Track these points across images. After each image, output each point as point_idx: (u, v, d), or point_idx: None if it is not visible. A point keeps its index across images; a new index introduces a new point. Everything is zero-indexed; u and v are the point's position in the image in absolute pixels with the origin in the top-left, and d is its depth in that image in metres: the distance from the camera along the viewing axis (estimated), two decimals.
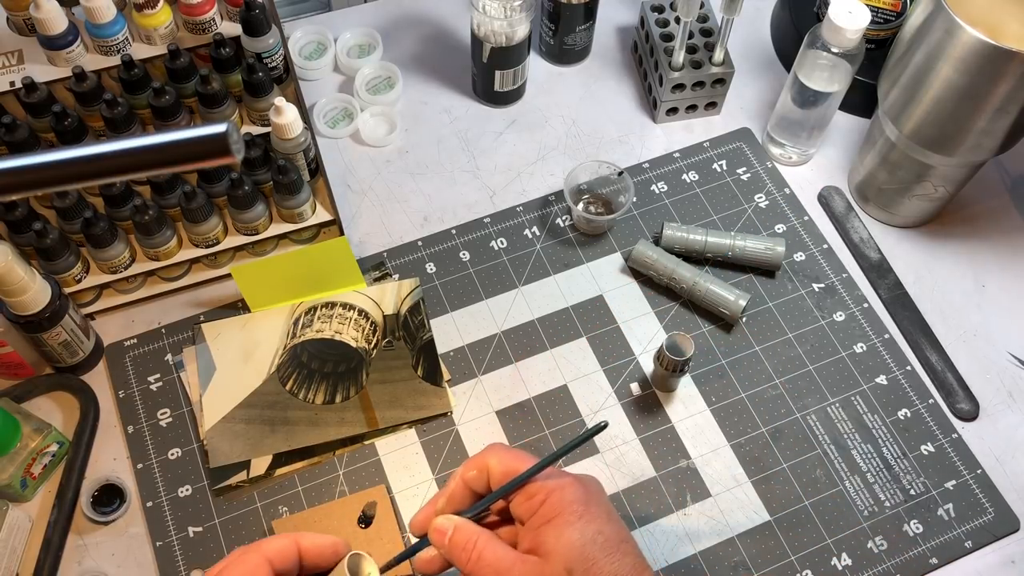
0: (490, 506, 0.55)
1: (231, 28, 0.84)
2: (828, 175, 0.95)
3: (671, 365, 0.76)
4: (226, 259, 0.86)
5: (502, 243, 0.89)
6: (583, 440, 0.53)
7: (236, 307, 0.84)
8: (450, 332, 0.83)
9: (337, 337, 0.81)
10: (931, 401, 0.81)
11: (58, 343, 0.76)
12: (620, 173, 0.87)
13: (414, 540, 0.57)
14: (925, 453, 0.79)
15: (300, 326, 0.82)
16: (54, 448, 0.75)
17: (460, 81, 1.00)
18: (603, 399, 0.80)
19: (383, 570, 0.53)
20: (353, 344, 0.81)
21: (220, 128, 0.36)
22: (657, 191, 0.92)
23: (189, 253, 0.82)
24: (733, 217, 0.91)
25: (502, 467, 0.54)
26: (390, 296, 0.84)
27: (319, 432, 0.77)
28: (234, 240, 0.83)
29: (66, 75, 0.79)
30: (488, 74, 0.94)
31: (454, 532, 0.53)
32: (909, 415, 0.81)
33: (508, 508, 0.55)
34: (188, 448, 0.77)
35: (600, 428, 0.53)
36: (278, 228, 0.84)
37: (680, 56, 0.91)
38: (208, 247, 0.82)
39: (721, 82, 0.94)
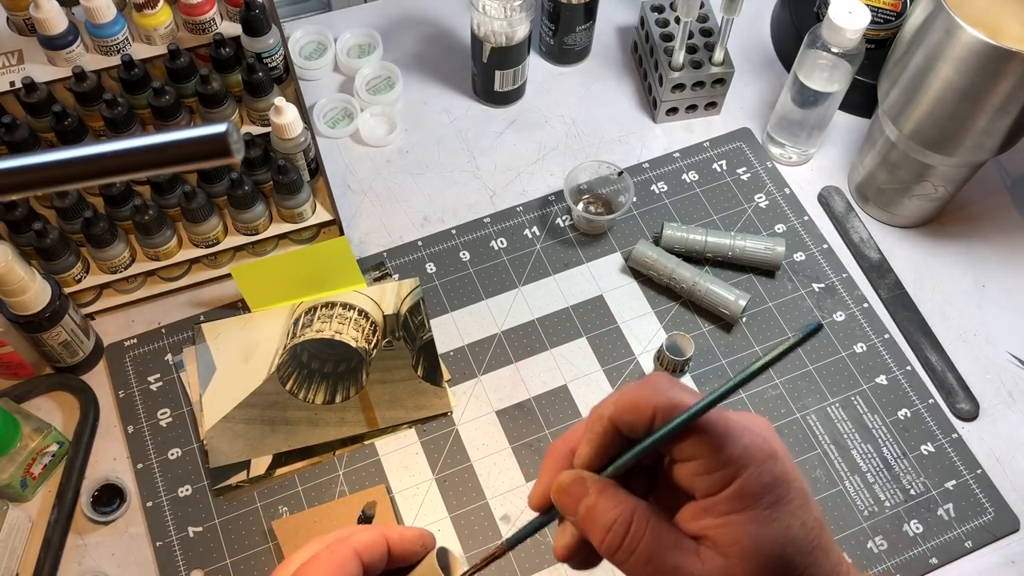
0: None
1: (231, 28, 0.84)
2: (828, 175, 0.95)
3: (671, 365, 0.76)
4: (226, 259, 0.86)
5: (502, 243, 0.89)
6: (792, 348, 0.35)
7: (236, 307, 0.84)
8: (450, 332, 0.83)
9: (337, 337, 0.81)
10: (931, 401, 0.81)
11: (58, 343, 0.76)
12: (620, 173, 0.87)
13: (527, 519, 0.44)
14: (925, 453, 0.79)
15: (300, 326, 0.82)
16: (54, 448, 0.75)
17: (460, 81, 1.00)
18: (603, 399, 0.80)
19: (486, 561, 0.41)
20: (353, 344, 0.81)
21: (220, 128, 0.36)
22: (657, 191, 0.92)
23: (189, 253, 0.82)
24: (733, 217, 0.91)
25: (670, 406, 0.36)
26: (390, 296, 0.84)
27: (319, 432, 0.77)
28: (234, 240, 0.83)
29: (66, 75, 0.79)
30: (488, 74, 0.94)
31: (596, 499, 0.36)
32: (909, 415, 0.81)
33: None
34: (188, 448, 0.77)
35: (816, 329, 0.35)
36: (278, 228, 0.84)
37: (680, 56, 0.91)
38: (208, 247, 0.82)
39: (721, 82, 0.94)
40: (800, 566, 0.35)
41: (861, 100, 0.96)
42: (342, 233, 0.86)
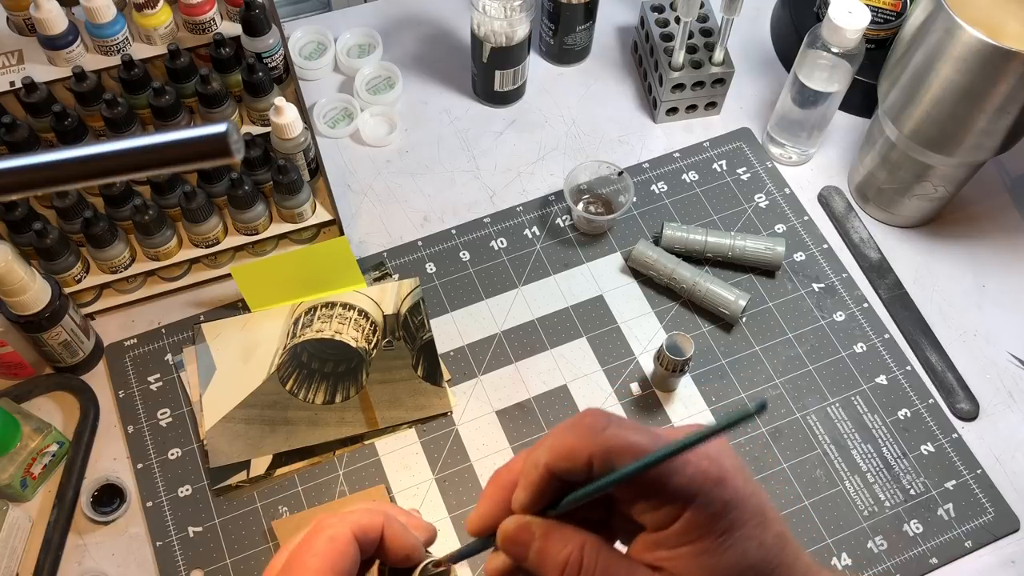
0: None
1: (231, 28, 0.84)
2: (828, 175, 0.95)
3: (671, 365, 0.76)
4: (226, 259, 0.86)
5: (502, 243, 0.89)
6: (738, 422, 0.32)
7: (236, 307, 0.84)
8: (450, 332, 0.83)
9: (337, 337, 0.81)
10: (931, 401, 0.81)
11: (58, 343, 0.76)
12: (620, 173, 0.87)
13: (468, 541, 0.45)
14: (925, 453, 0.79)
15: (300, 326, 0.82)
16: (54, 448, 0.75)
17: (460, 81, 1.00)
18: (603, 399, 0.80)
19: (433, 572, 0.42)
20: (353, 344, 0.81)
21: (220, 128, 0.36)
22: (657, 191, 0.92)
23: (189, 253, 0.82)
24: (733, 217, 0.91)
25: (607, 451, 0.35)
26: (390, 296, 0.84)
27: (319, 432, 0.77)
28: (234, 240, 0.83)
29: (66, 75, 0.79)
30: (488, 74, 0.94)
31: (545, 541, 0.36)
32: (909, 415, 0.81)
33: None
34: (188, 448, 0.77)
35: (760, 409, 0.32)
36: (278, 228, 0.84)
37: (680, 56, 0.91)
38: (208, 247, 0.82)
39: (721, 82, 0.94)
40: None
41: (861, 100, 0.96)
42: (342, 233, 0.86)
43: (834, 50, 0.82)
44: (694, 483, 0.34)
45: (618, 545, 0.38)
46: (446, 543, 0.74)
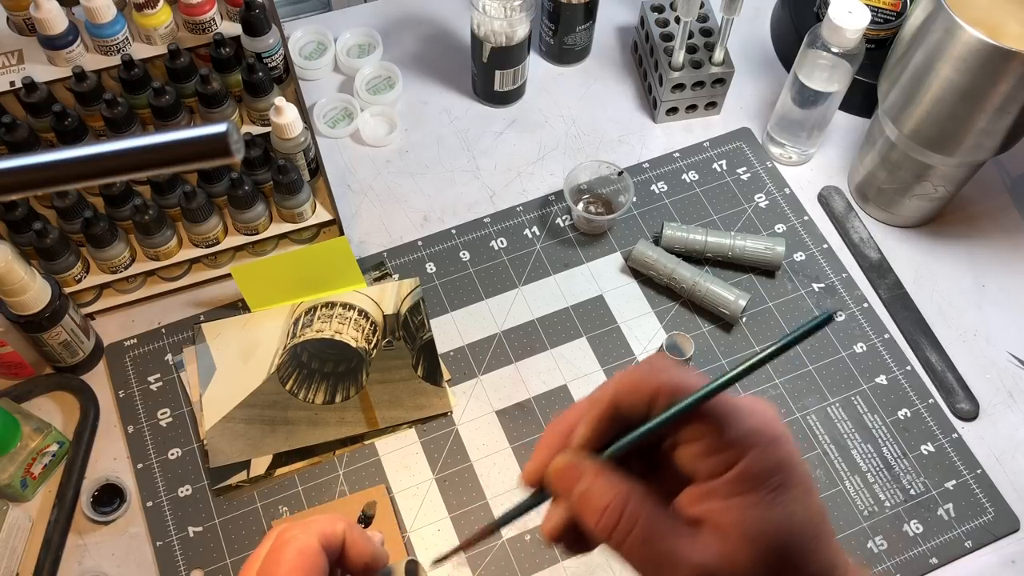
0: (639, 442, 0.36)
1: (231, 28, 0.84)
2: (828, 175, 0.95)
3: None
4: (226, 259, 0.86)
5: (502, 243, 0.89)
6: (809, 333, 0.33)
7: (236, 307, 0.84)
8: (450, 332, 0.83)
9: (337, 337, 0.81)
10: (931, 401, 0.81)
11: (58, 343, 0.76)
12: (620, 173, 0.87)
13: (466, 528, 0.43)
14: (925, 453, 0.79)
15: (300, 326, 0.82)
16: (54, 448, 0.75)
17: (460, 81, 1.00)
18: None
19: (464, 546, 0.41)
20: (353, 344, 0.81)
21: (220, 128, 0.36)
22: (657, 191, 0.92)
23: (189, 253, 0.82)
24: (733, 217, 0.91)
25: (673, 387, 0.35)
26: (390, 296, 0.84)
27: (319, 432, 0.77)
28: (234, 240, 0.83)
29: (66, 75, 0.79)
30: (488, 74, 0.94)
31: (592, 482, 0.35)
32: (909, 415, 0.81)
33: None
34: (188, 448, 0.77)
35: (829, 318, 0.33)
36: (278, 228, 0.84)
37: (680, 56, 0.91)
38: (208, 247, 0.82)
39: (721, 82, 0.94)
40: (802, 553, 0.34)
41: (861, 100, 0.96)
42: (342, 233, 0.86)
43: (834, 50, 0.82)
44: (752, 434, 0.34)
45: None
46: (446, 543, 0.74)
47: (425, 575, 0.43)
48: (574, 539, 0.37)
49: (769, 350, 0.33)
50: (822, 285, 0.87)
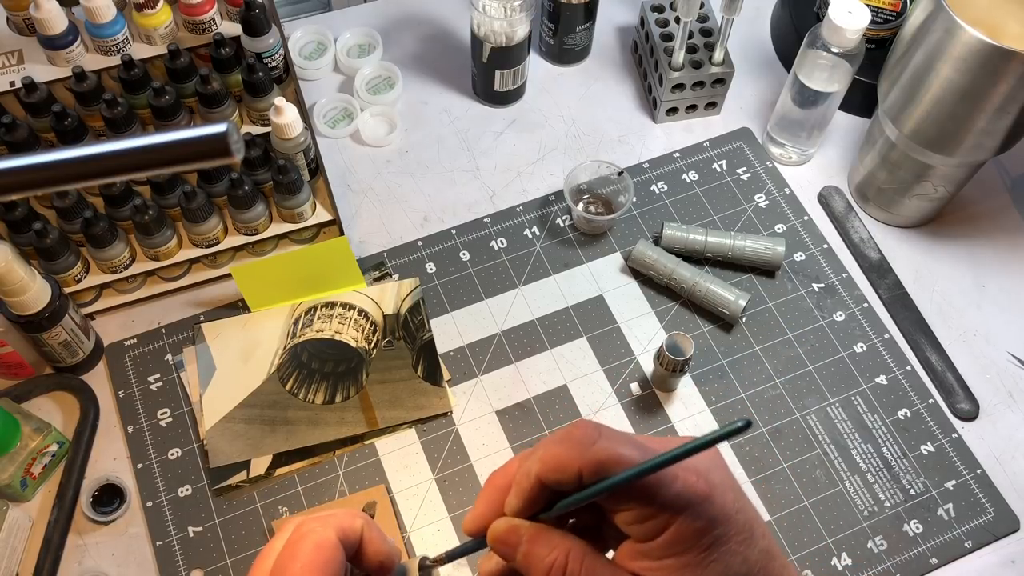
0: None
1: (231, 28, 0.84)
2: (828, 175, 0.95)
3: (671, 365, 0.76)
4: (226, 259, 0.86)
5: (502, 243, 0.89)
6: (721, 438, 0.34)
7: (236, 307, 0.84)
8: (450, 332, 0.83)
9: (337, 337, 0.81)
10: (931, 401, 0.81)
11: (58, 343, 0.76)
12: (620, 173, 0.87)
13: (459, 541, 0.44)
14: (925, 453, 0.79)
15: (300, 326, 0.82)
16: (54, 448, 0.75)
17: (460, 81, 1.00)
18: (603, 399, 0.80)
19: (428, 565, 0.43)
20: (353, 344, 0.81)
21: (220, 128, 0.36)
22: (657, 191, 0.92)
23: (189, 253, 0.82)
24: (733, 217, 0.91)
25: (598, 464, 0.36)
26: (390, 296, 0.84)
27: (319, 432, 0.77)
28: (234, 240, 0.83)
29: (66, 75, 0.79)
30: (488, 74, 0.94)
31: (531, 545, 0.37)
32: (909, 415, 0.81)
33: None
34: (188, 448, 0.77)
35: (743, 427, 0.33)
36: (278, 228, 0.84)
37: (680, 56, 0.91)
38: (208, 247, 0.82)
39: (721, 82, 0.94)
40: None
41: (861, 100, 0.96)
42: (342, 233, 0.86)
43: (834, 50, 0.82)
44: (681, 497, 0.34)
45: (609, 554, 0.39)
46: (446, 543, 0.74)
47: (438, 574, 0.42)
48: None
49: (688, 446, 0.33)
50: (822, 285, 0.87)
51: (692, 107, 0.97)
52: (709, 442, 0.33)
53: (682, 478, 0.35)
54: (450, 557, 0.42)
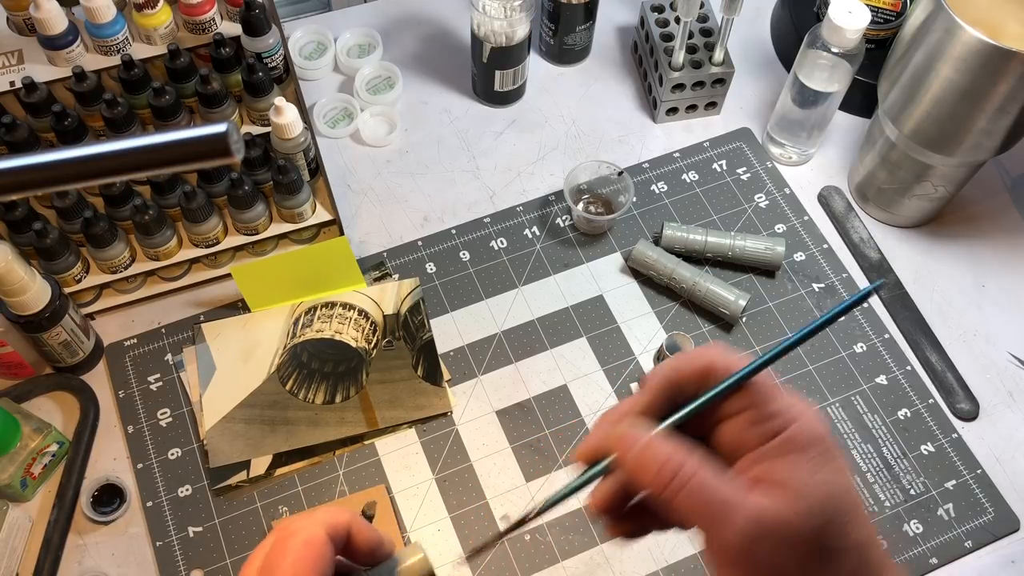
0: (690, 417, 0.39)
1: (231, 28, 0.84)
2: (828, 175, 0.95)
3: None
4: (226, 259, 0.86)
5: (502, 243, 0.89)
6: (856, 303, 0.37)
7: (236, 307, 0.84)
8: (450, 332, 0.83)
9: (337, 337, 0.81)
10: (931, 401, 0.81)
11: (58, 343, 0.76)
12: (620, 173, 0.87)
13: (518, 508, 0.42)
14: (925, 453, 0.79)
15: (300, 326, 0.82)
16: (54, 448, 0.75)
17: (460, 81, 1.00)
18: (603, 399, 0.80)
19: (522, 520, 0.41)
20: (353, 344, 0.81)
21: (220, 128, 0.36)
22: (657, 191, 0.92)
23: (189, 253, 0.82)
24: (733, 217, 0.91)
25: (723, 365, 0.38)
26: (390, 296, 0.84)
27: (319, 432, 0.77)
28: (234, 240, 0.83)
29: (66, 75, 0.79)
30: (488, 74, 0.94)
31: (649, 442, 0.37)
32: (909, 415, 0.81)
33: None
34: (188, 448, 0.77)
35: (877, 288, 0.36)
36: (278, 228, 0.84)
37: (680, 56, 0.91)
38: (208, 247, 0.82)
39: (721, 82, 0.94)
40: (845, 519, 0.36)
41: (861, 100, 0.96)
42: (342, 233, 0.86)
43: (834, 50, 0.82)
44: (796, 407, 0.37)
45: None
46: (446, 543, 0.74)
47: (429, 561, 0.42)
48: (619, 514, 0.40)
49: (813, 325, 0.37)
50: (822, 285, 0.87)
51: (692, 107, 0.97)
52: (844, 309, 0.36)
53: (795, 398, 0.38)
54: (555, 500, 0.41)
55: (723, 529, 0.35)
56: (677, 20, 0.95)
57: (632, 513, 0.40)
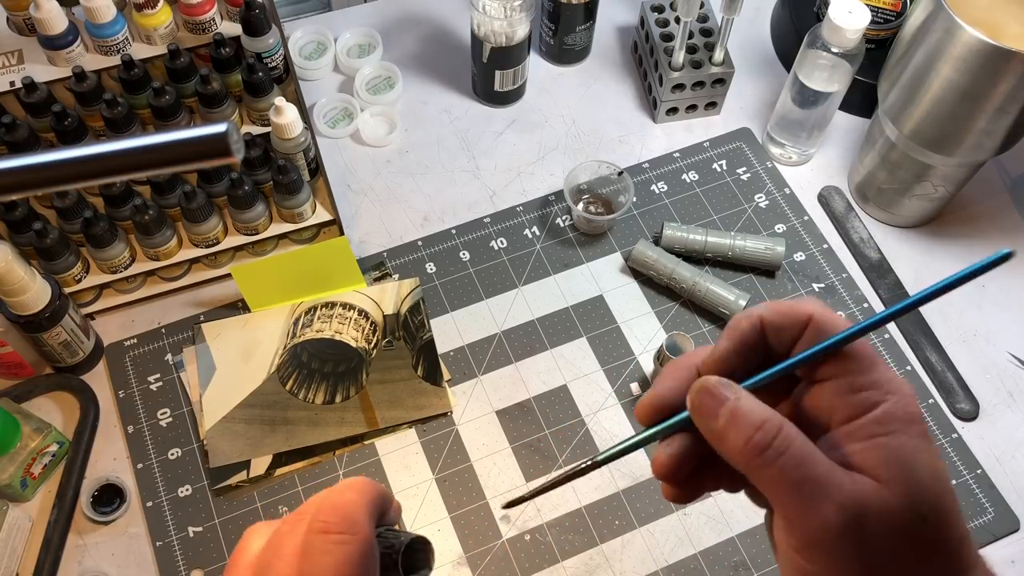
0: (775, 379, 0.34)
1: (231, 28, 0.84)
2: (828, 175, 0.95)
3: None
4: (226, 259, 0.86)
5: (502, 243, 0.89)
6: (983, 270, 0.32)
7: (236, 307, 0.84)
8: (450, 332, 0.83)
9: (337, 337, 0.81)
10: (931, 401, 0.81)
11: (58, 343, 0.76)
12: (620, 173, 0.87)
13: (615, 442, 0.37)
14: None
15: (300, 326, 0.82)
16: (54, 448, 0.75)
17: (460, 81, 1.00)
18: (603, 399, 0.80)
19: (556, 483, 0.37)
20: (353, 344, 0.81)
21: (220, 128, 0.36)
22: (657, 191, 0.92)
23: (189, 253, 0.82)
24: (733, 217, 0.91)
25: (822, 324, 0.34)
26: (390, 296, 0.84)
27: (319, 432, 0.77)
28: (234, 240, 0.83)
29: (66, 75, 0.79)
30: (488, 74, 0.94)
31: (743, 400, 0.33)
32: None
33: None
34: (188, 448, 0.77)
35: (1007, 256, 0.31)
36: (278, 228, 0.84)
37: (680, 56, 0.91)
38: (208, 247, 0.82)
39: (721, 82, 0.94)
40: (948, 512, 0.32)
41: (861, 100, 0.96)
42: (342, 233, 0.86)
43: (834, 50, 0.82)
44: (893, 381, 0.33)
45: None
46: (446, 543, 0.74)
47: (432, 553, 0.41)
48: (685, 476, 0.35)
49: (936, 287, 0.32)
50: (822, 285, 0.87)
51: (692, 107, 0.97)
52: (970, 274, 0.31)
53: (892, 370, 0.33)
54: (605, 460, 0.36)
55: (815, 511, 0.31)
56: (677, 20, 0.95)
57: (696, 475, 0.35)
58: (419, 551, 0.40)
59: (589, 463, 0.36)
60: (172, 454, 0.77)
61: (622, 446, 0.36)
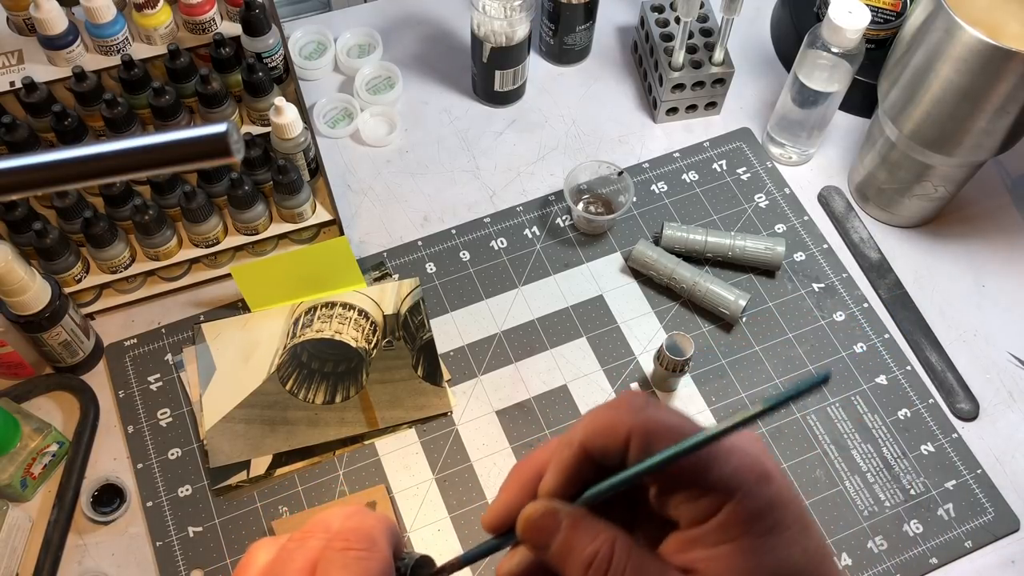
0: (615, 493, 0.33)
1: (231, 28, 0.84)
2: (828, 175, 0.95)
3: (671, 365, 0.76)
4: (226, 259, 0.86)
5: (502, 243, 0.89)
6: (802, 393, 0.29)
7: (236, 307, 0.84)
8: (450, 332, 0.83)
9: (337, 337, 0.81)
10: (931, 401, 0.81)
11: (58, 343, 0.76)
12: (620, 173, 0.87)
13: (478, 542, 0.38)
14: (925, 453, 0.79)
15: (300, 326, 0.82)
16: (54, 448, 0.75)
17: (460, 81, 1.00)
18: (603, 399, 0.80)
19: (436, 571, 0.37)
20: (353, 344, 0.81)
21: (220, 128, 0.36)
22: (657, 191, 0.92)
23: (189, 253, 0.82)
24: (733, 217, 0.91)
25: (648, 429, 0.32)
26: (390, 296, 0.84)
27: (319, 432, 0.77)
28: (234, 240, 0.83)
29: (66, 75, 0.79)
30: (488, 74, 0.94)
31: (572, 531, 0.32)
32: (909, 415, 0.81)
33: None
34: (188, 448, 0.77)
35: (823, 381, 0.29)
36: (278, 228, 0.84)
37: (680, 56, 0.91)
38: (208, 247, 0.82)
39: (721, 82, 0.94)
40: None
41: (861, 100, 0.96)
42: (342, 233, 0.86)
43: (834, 50, 0.82)
44: (737, 475, 0.31)
45: None
46: (446, 543, 0.74)
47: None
48: None
49: (761, 408, 0.29)
50: (822, 285, 0.87)
51: (692, 107, 0.97)
52: (783, 401, 0.29)
53: (737, 456, 0.31)
54: (465, 561, 0.36)
55: None
56: (677, 20, 0.95)
57: None
58: (424, 567, 0.40)
59: (458, 561, 0.36)
60: (172, 454, 0.77)
61: (476, 551, 0.36)
